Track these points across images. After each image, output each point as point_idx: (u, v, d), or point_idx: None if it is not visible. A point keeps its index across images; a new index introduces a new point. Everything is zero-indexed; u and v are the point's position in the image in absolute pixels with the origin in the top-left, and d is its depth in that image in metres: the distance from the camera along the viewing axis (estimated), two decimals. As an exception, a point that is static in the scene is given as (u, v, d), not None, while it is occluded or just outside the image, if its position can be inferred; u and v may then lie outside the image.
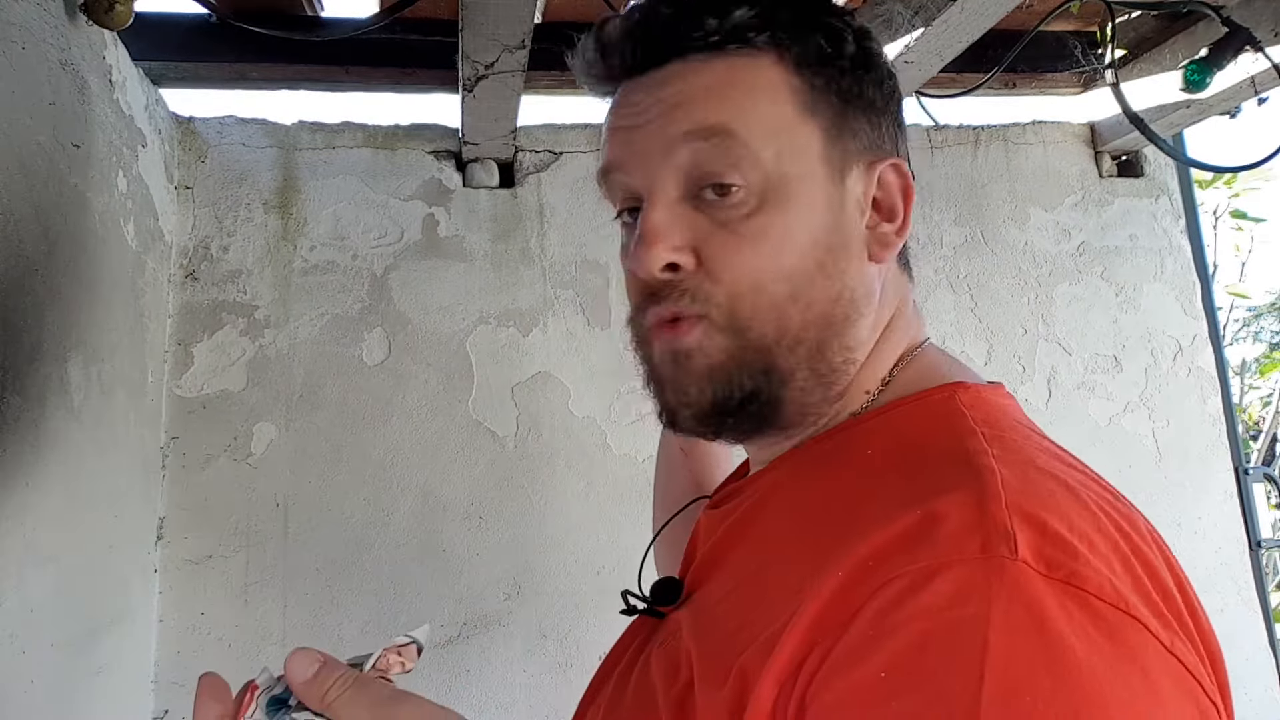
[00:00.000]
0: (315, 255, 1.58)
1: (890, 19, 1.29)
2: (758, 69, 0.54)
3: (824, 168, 0.54)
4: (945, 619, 0.37)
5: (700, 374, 0.53)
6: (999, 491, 0.42)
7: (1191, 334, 1.83)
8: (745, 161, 0.52)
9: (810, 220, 0.53)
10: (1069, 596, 0.37)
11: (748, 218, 0.52)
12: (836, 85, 0.55)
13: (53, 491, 1.06)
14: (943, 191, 1.81)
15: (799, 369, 0.53)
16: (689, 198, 0.53)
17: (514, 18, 1.17)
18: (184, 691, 1.40)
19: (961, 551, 0.39)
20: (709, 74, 0.54)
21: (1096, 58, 1.74)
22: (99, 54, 1.23)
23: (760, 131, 0.52)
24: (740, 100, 0.53)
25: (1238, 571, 1.74)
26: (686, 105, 0.53)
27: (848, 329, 0.54)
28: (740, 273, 0.52)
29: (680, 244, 0.53)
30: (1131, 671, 0.36)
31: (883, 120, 0.57)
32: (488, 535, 1.54)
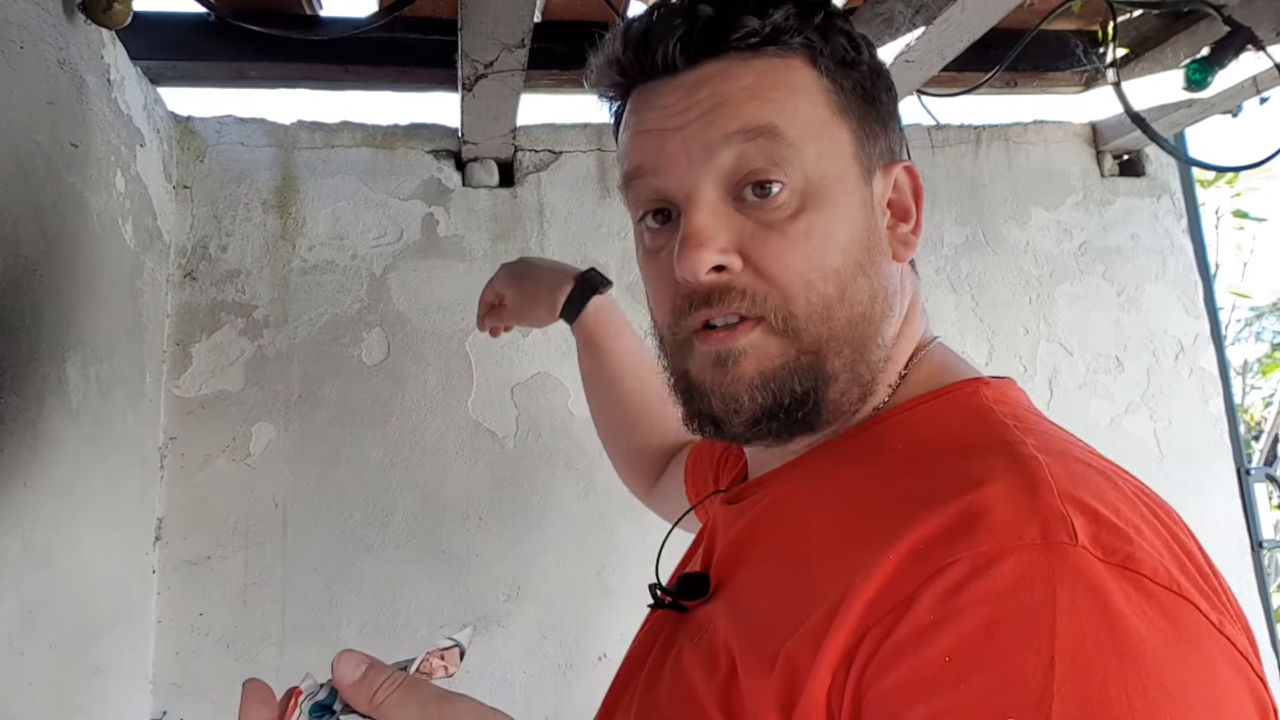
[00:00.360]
0: (314, 255, 1.57)
1: (891, 18, 1.29)
2: (793, 70, 0.54)
3: (855, 168, 0.55)
4: (1012, 603, 0.38)
5: (752, 378, 0.54)
6: (1049, 480, 0.42)
7: (1193, 334, 1.82)
8: (789, 161, 0.52)
9: (849, 220, 0.54)
10: (1127, 580, 0.38)
11: (792, 218, 0.53)
12: (859, 89, 0.56)
13: (51, 492, 1.05)
14: (944, 191, 1.80)
15: (843, 371, 0.54)
16: (730, 199, 0.54)
17: (513, 16, 1.17)
18: (182, 692, 1.40)
19: (1021, 537, 0.40)
20: (749, 74, 0.54)
21: (1098, 57, 1.73)
22: (97, 53, 1.23)
23: (802, 131, 0.53)
24: (783, 100, 0.53)
25: (1239, 572, 1.74)
26: (732, 105, 0.53)
27: (885, 326, 0.56)
28: (792, 273, 0.52)
29: (726, 245, 0.53)
30: (1190, 651, 0.37)
31: (892, 124, 0.59)
32: (487, 535, 1.54)
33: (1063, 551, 0.39)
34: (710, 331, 0.54)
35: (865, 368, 0.55)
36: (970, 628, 0.38)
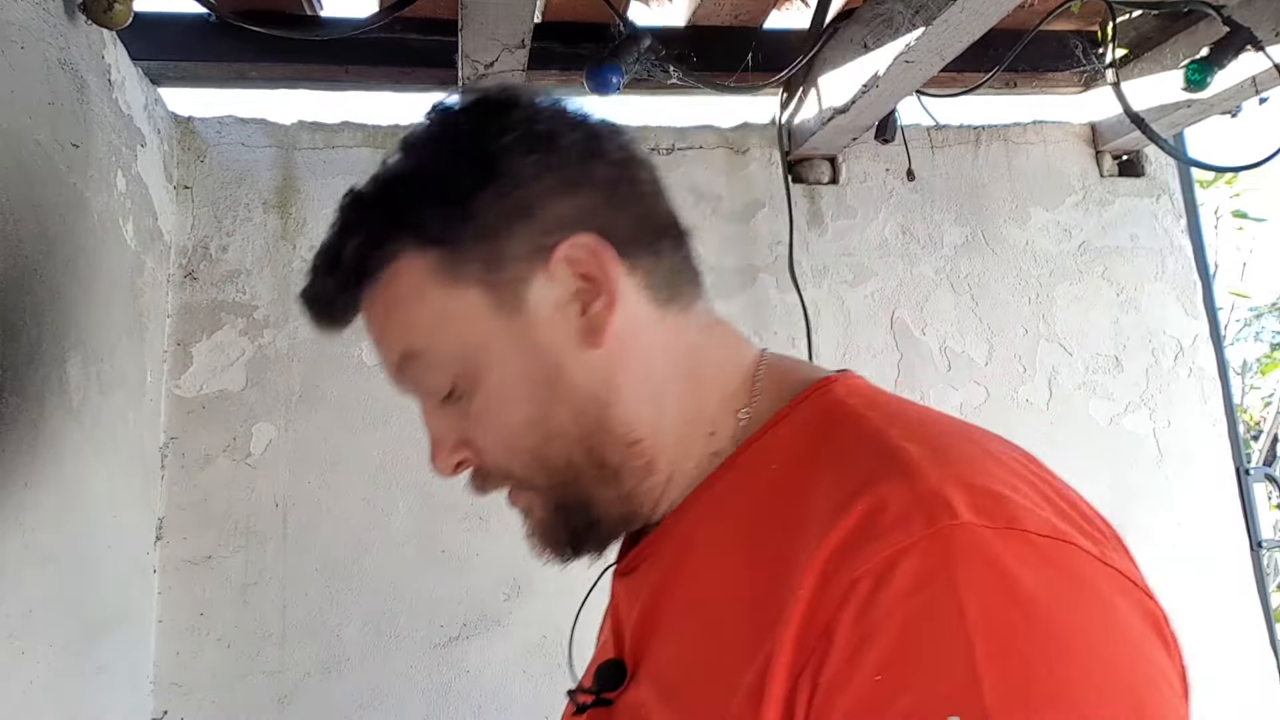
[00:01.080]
0: (315, 255, 1.57)
1: (891, 18, 1.29)
2: (397, 277, 0.56)
3: (497, 315, 0.55)
4: (919, 602, 0.39)
5: (535, 531, 0.61)
6: (920, 466, 0.44)
7: (1192, 334, 1.83)
8: (438, 368, 0.56)
9: (511, 370, 0.55)
10: (1014, 540, 0.40)
11: (470, 403, 0.56)
12: (471, 229, 0.54)
13: (51, 491, 1.05)
14: (943, 191, 1.81)
15: (592, 488, 0.57)
16: (440, 407, 0.58)
17: (514, 17, 1.17)
18: (183, 692, 1.40)
19: (910, 534, 0.41)
20: (375, 310, 0.58)
21: (1097, 57, 1.73)
22: (98, 53, 1.23)
23: (430, 339, 0.56)
24: (403, 324, 0.56)
25: (1238, 572, 1.74)
26: (381, 350, 0.59)
27: (609, 424, 0.55)
28: (498, 450, 0.57)
29: (454, 444, 0.58)
30: (1084, 592, 0.40)
31: (536, 213, 0.54)
32: (487, 535, 1.54)
33: (950, 533, 0.40)
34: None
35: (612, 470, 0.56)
36: (889, 640, 0.39)
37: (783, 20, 1.64)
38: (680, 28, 1.61)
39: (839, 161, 1.78)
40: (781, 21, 1.64)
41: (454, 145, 0.56)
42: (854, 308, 1.72)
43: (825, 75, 1.53)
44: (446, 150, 0.57)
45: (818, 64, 1.55)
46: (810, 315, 1.65)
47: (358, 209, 0.58)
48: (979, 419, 1.70)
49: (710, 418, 0.57)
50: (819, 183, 1.77)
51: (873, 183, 1.79)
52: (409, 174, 0.57)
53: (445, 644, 1.48)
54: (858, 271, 1.74)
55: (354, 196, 0.59)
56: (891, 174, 1.79)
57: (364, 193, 0.58)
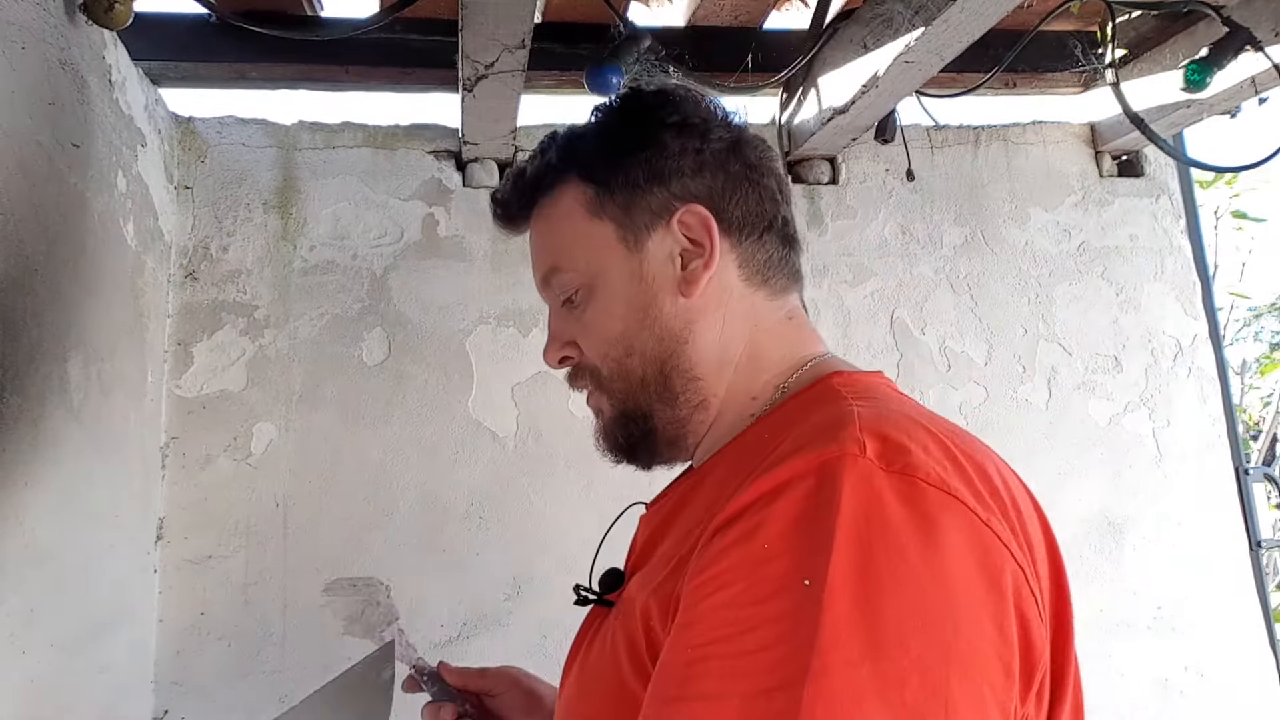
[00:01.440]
0: (315, 255, 1.58)
1: (891, 18, 1.29)
2: (561, 199, 0.73)
3: (621, 248, 0.70)
4: (815, 498, 0.50)
5: (601, 429, 0.75)
6: (855, 418, 0.55)
7: (1192, 334, 1.83)
8: (569, 280, 0.72)
9: (620, 293, 0.70)
10: (901, 481, 0.51)
11: (584, 311, 0.72)
12: (621, 178, 0.70)
13: (52, 491, 1.06)
14: (943, 191, 1.81)
15: (654, 404, 0.71)
16: (564, 310, 0.74)
17: (514, 17, 1.17)
18: (183, 691, 1.41)
19: (823, 455, 0.52)
20: (539, 224, 0.76)
21: (1097, 57, 1.73)
22: (98, 54, 1.23)
23: (570, 250, 0.72)
24: (555, 236, 0.74)
25: (1237, 571, 1.74)
26: (534, 259, 0.76)
27: (679, 357, 0.70)
28: (593, 349, 0.72)
29: (564, 342, 0.74)
30: (936, 534, 0.49)
31: (672, 181, 0.70)
32: (488, 535, 1.54)
33: (852, 460, 0.51)
34: (587, 398, 0.75)
35: (671, 394, 0.70)
36: (782, 523, 0.50)
37: (782, 20, 1.65)
38: (680, 28, 1.62)
39: (839, 162, 1.78)
40: (781, 22, 1.64)
41: (629, 115, 0.74)
42: (854, 307, 1.73)
43: (825, 75, 1.53)
44: (623, 117, 0.74)
45: (817, 64, 1.55)
46: (810, 315, 1.65)
47: (549, 143, 0.75)
48: (979, 418, 1.71)
49: (757, 388, 0.70)
50: (819, 183, 1.77)
51: (872, 183, 1.79)
52: (592, 128, 0.75)
53: (445, 644, 1.49)
54: (857, 271, 1.74)
55: (550, 136, 0.76)
56: (891, 174, 1.80)
57: (557, 134, 0.76)
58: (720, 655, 0.48)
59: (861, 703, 0.43)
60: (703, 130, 0.72)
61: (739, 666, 0.47)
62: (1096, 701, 1.71)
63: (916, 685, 0.44)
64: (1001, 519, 0.53)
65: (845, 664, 0.44)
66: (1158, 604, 1.70)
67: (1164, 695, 1.67)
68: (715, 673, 0.47)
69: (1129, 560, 1.71)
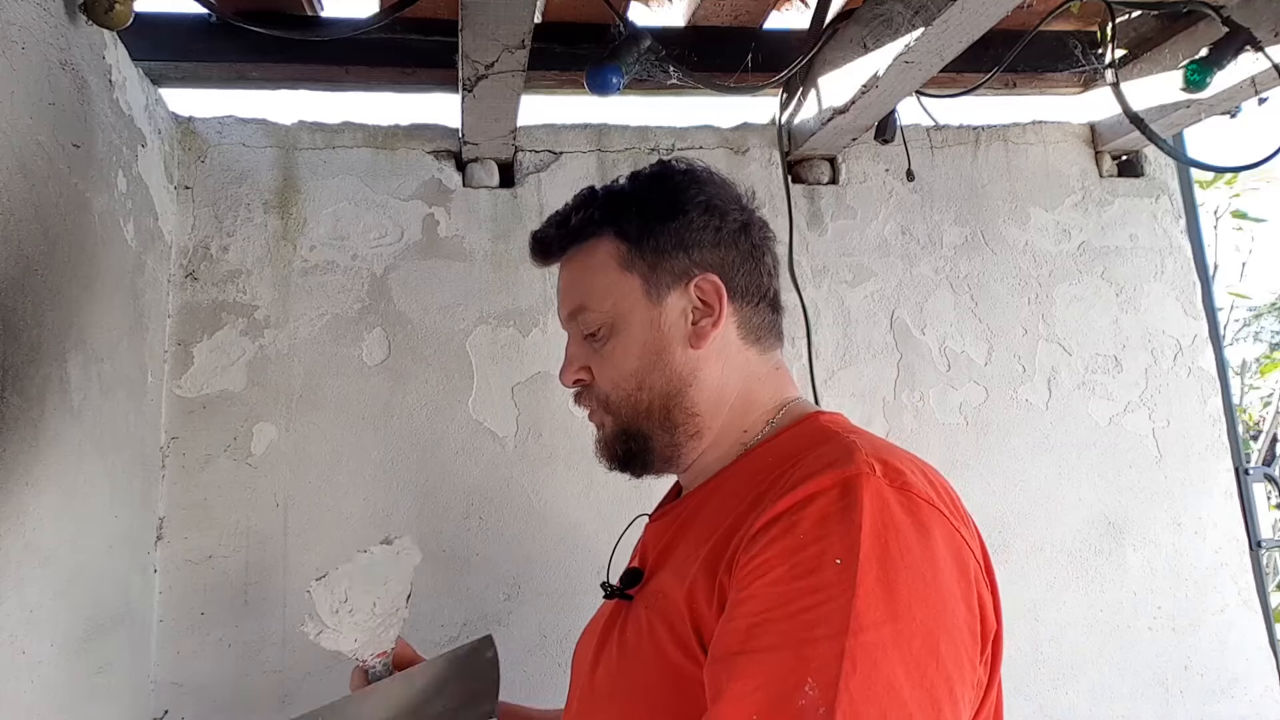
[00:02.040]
0: (315, 255, 1.58)
1: (890, 18, 1.29)
2: (597, 250, 0.87)
3: (644, 300, 0.85)
4: (835, 507, 0.66)
5: (601, 443, 0.90)
6: (860, 449, 0.71)
7: (1192, 334, 1.83)
8: (595, 316, 0.86)
9: (638, 337, 0.85)
10: (901, 494, 0.68)
11: (604, 346, 0.86)
12: (651, 242, 0.85)
13: (52, 491, 1.05)
14: (943, 191, 1.81)
15: (654, 429, 0.85)
16: (583, 339, 0.89)
17: (514, 17, 1.17)
18: (183, 692, 1.41)
19: (844, 473, 0.68)
20: (572, 267, 0.90)
21: (1097, 57, 1.74)
22: (99, 54, 1.23)
23: (600, 294, 0.86)
24: (587, 281, 0.87)
25: (1238, 572, 1.74)
26: (563, 296, 0.91)
27: (683, 397, 0.84)
28: (606, 379, 0.87)
29: (580, 366, 0.89)
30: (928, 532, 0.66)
31: (695, 251, 0.86)
32: (487, 535, 1.54)
33: (867, 478, 0.67)
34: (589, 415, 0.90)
35: (672, 424, 0.85)
36: (810, 523, 0.65)
37: (782, 21, 1.65)
38: (680, 28, 1.62)
39: (839, 162, 1.78)
40: (781, 22, 1.64)
41: (662, 185, 0.88)
42: (854, 308, 1.73)
43: (825, 75, 1.53)
44: (657, 186, 0.88)
45: (817, 64, 1.55)
46: (810, 315, 1.65)
47: (591, 197, 0.90)
48: (979, 418, 1.71)
49: (748, 423, 0.86)
50: (819, 183, 1.77)
51: (872, 183, 1.79)
52: (630, 190, 0.89)
53: (445, 644, 1.48)
54: (857, 272, 1.74)
55: (591, 191, 0.91)
56: (891, 174, 1.80)
57: (598, 191, 0.91)
58: (774, 619, 0.62)
59: (886, 651, 0.59)
60: (723, 211, 0.88)
61: (790, 625, 0.61)
62: (1096, 701, 1.71)
63: (920, 642, 0.61)
64: (964, 526, 0.71)
65: (874, 624, 0.60)
66: (1158, 604, 1.70)
67: (1164, 696, 1.67)
68: (771, 632, 0.61)
69: (1129, 561, 1.71)
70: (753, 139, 1.77)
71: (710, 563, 0.72)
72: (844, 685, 0.57)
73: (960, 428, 1.71)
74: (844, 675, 0.58)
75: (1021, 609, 1.65)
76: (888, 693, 0.58)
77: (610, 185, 0.91)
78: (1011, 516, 1.69)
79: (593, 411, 0.89)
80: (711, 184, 0.89)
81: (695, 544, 0.77)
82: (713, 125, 1.77)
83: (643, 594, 0.82)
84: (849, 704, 0.57)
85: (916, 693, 0.59)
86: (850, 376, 1.70)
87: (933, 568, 0.64)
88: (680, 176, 0.89)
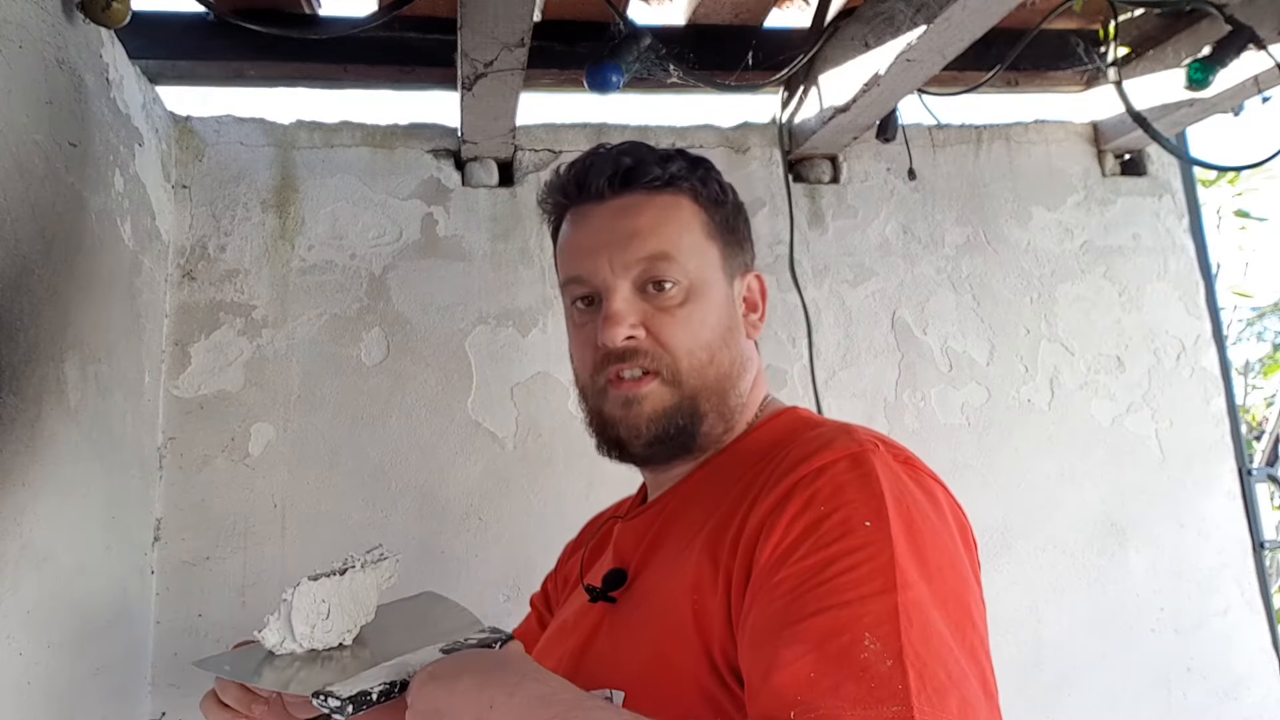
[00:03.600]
0: (313, 255, 1.57)
1: (892, 16, 1.28)
2: (682, 206, 0.82)
3: (722, 274, 0.83)
4: (853, 474, 0.67)
5: (649, 415, 0.80)
6: (858, 431, 0.73)
7: (1195, 334, 1.82)
8: (677, 270, 0.80)
9: (717, 309, 0.82)
10: (908, 465, 0.71)
11: (680, 306, 0.79)
12: (725, 219, 0.85)
13: (49, 492, 1.05)
14: (945, 191, 1.80)
15: (711, 410, 0.81)
16: (636, 291, 0.80)
17: (513, 15, 1.17)
18: (181, 693, 1.40)
19: (849, 449, 0.70)
20: (653, 209, 0.81)
21: (1099, 56, 1.73)
22: (96, 52, 1.22)
23: (687, 251, 0.81)
24: (675, 231, 0.81)
25: (1241, 573, 1.73)
26: (640, 237, 0.80)
27: (740, 381, 0.83)
28: (679, 342, 0.79)
29: (635, 322, 0.79)
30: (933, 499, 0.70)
31: (746, 245, 0.88)
32: (487, 536, 1.53)
33: (874, 450, 0.70)
34: (621, 381, 0.80)
35: (727, 409, 0.82)
36: (828, 492, 0.66)
37: (783, 19, 1.64)
38: (680, 26, 1.61)
39: (840, 161, 1.78)
40: (782, 20, 1.64)
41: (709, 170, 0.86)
42: (855, 307, 1.72)
43: (826, 74, 1.53)
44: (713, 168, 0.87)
45: (818, 63, 1.55)
46: (811, 315, 1.65)
47: (683, 155, 0.85)
48: (981, 419, 1.70)
49: (743, 420, 0.85)
50: (820, 182, 1.77)
51: (874, 182, 1.78)
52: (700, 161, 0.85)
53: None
54: (858, 271, 1.74)
55: (679, 151, 0.86)
56: (893, 173, 1.79)
57: (685, 152, 0.86)
58: (812, 586, 0.61)
59: (929, 609, 0.60)
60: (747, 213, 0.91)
61: (832, 588, 0.61)
62: (1099, 702, 1.71)
63: (954, 604, 0.63)
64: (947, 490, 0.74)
65: (914, 582, 0.61)
66: (1160, 606, 1.69)
67: (1167, 697, 1.66)
68: (813, 598, 0.60)
69: (1132, 562, 1.70)
70: (753, 138, 1.76)
71: (710, 548, 0.71)
72: (906, 638, 0.57)
73: (962, 428, 1.70)
74: (902, 629, 0.57)
75: (1024, 609, 1.64)
76: (944, 646, 0.58)
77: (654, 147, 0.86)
78: (1014, 517, 1.68)
79: (644, 378, 0.79)
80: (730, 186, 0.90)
81: (686, 536, 0.76)
82: (713, 124, 1.77)
83: (629, 595, 0.79)
84: (915, 655, 0.56)
85: (961, 651, 0.59)
86: (851, 376, 1.69)
87: (949, 534, 0.67)
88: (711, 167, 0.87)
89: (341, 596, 0.84)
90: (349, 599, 0.85)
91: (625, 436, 0.81)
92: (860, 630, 0.57)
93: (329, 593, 0.83)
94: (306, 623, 0.80)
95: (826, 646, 0.57)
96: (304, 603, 0.81)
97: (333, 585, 0.84)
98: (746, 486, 0.73)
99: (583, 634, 0.82)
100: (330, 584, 0.84)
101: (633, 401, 0.79)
